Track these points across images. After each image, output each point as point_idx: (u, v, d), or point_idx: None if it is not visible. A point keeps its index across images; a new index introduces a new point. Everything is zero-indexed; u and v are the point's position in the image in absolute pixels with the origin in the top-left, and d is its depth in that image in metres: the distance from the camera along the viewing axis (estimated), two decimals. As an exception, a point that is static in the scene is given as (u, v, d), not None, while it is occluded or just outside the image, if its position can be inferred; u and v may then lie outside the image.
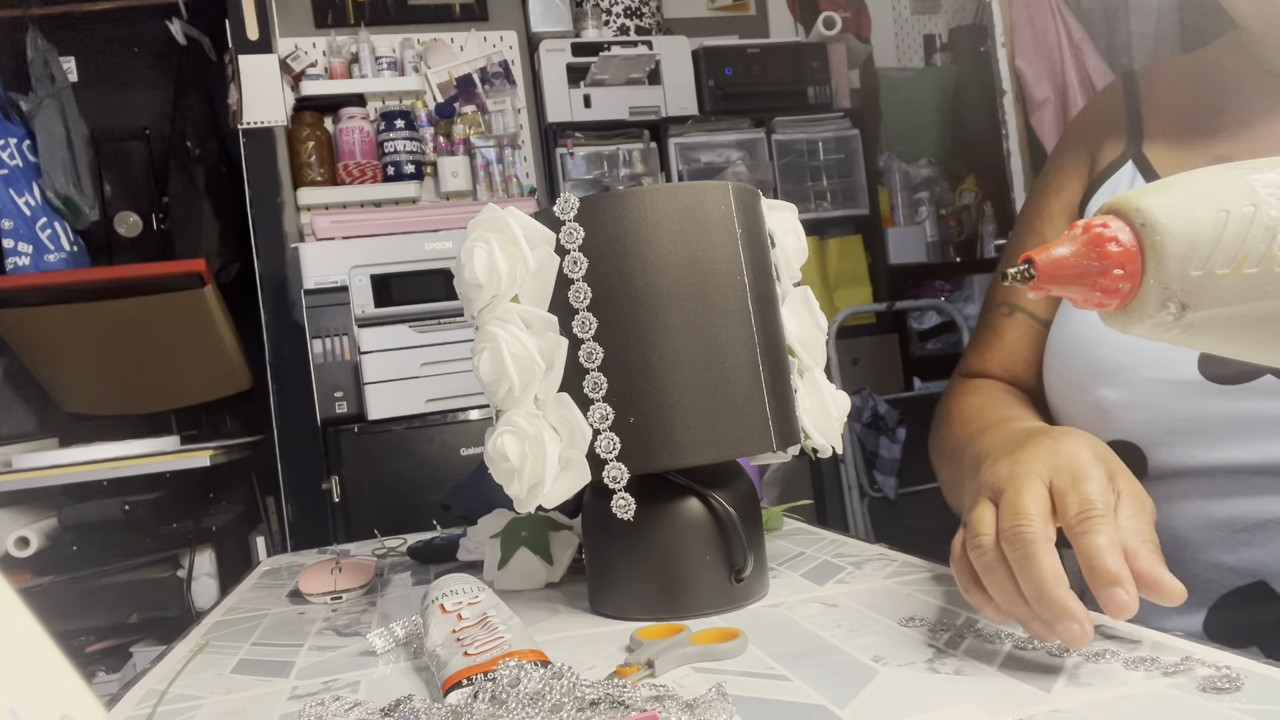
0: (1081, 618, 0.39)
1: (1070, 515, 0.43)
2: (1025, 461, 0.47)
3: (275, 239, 2.37)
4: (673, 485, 0.58)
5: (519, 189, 2.64)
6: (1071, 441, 0.48)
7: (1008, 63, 2.44)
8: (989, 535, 0.44)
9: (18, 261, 2.35)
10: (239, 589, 0.86)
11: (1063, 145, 0.78)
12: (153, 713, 0.50)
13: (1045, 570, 0.40)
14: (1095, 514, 0.42)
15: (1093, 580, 0.40)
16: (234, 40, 2.34)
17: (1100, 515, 0.42)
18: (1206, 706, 0.37)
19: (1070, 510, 0.43)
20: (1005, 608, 0.43)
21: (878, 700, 0.41)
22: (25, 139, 2.40)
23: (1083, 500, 0.43)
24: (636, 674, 0.46)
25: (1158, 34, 2.37)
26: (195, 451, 2.09)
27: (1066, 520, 0.43)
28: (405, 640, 0.58)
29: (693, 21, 3.04)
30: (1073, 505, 0.43)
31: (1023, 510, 0.43)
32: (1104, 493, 0.44)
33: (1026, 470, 0.46)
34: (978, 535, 0.44)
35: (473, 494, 0.95)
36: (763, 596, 0.61)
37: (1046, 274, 0.38)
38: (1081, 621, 0.39)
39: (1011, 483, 0.45)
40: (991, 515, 0.45)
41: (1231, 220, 0.36)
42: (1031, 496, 0.44)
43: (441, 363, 2.26)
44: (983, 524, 0.45)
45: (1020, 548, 0.42)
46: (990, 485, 0.47)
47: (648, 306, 0.56)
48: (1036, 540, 0.41)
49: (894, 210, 3.20)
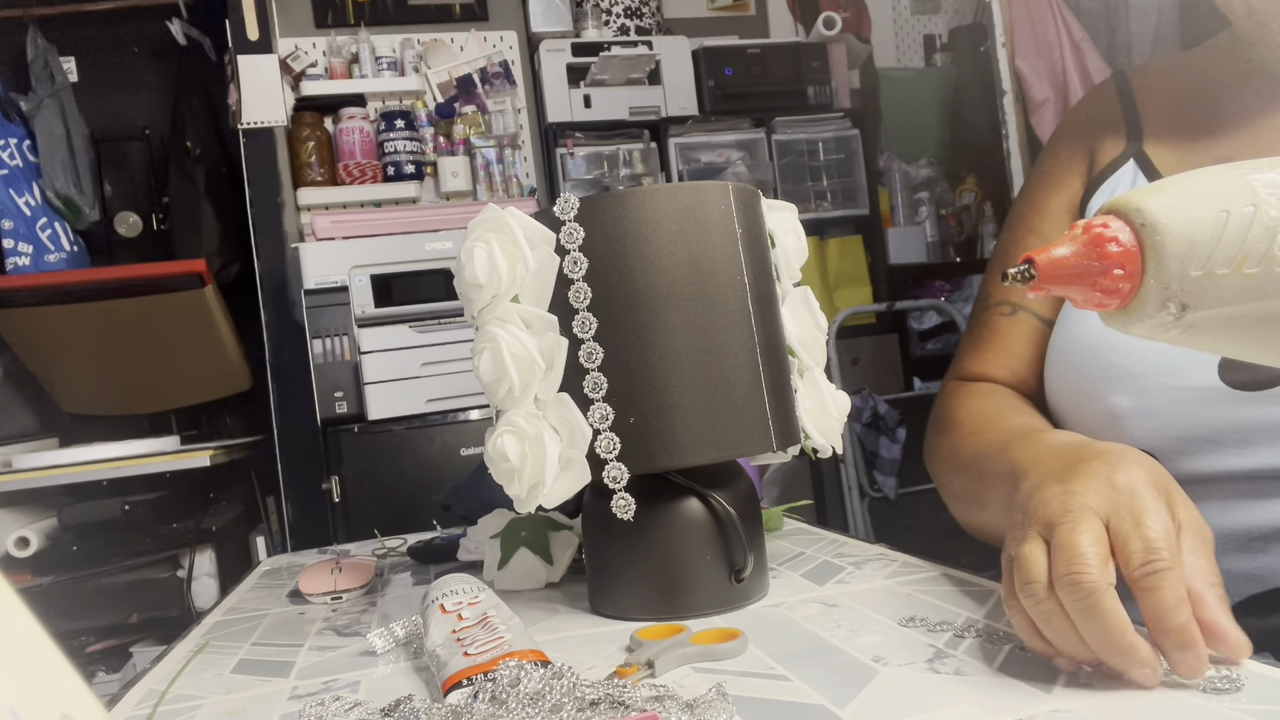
0: (1154, 663, 0.39)
1: (1134, 564, 0.40)
2: (1079, 494, 0.43)
3: (275, 239, 2.37)
4: (673, 485, 0.58)
5: (519, 189, 2.64)
6: (1129, 470, 0.44)
7: (1008, 63, 2.44)
8: (1042, 581, 0.41)
9: (18, 261, 2.35)
10: (239, 589, 0.86)
11: (1057, 141, 0.77)
12: (153, 713, 0.50)
13: (1111, 620, 0.38)
14: (1161, 565, 0.39)
15: (1162, 641, 0.39)
16: (234, 40, 2.34)
17: (1167, 566, 0.39)
18: (1206, 707, 0.37)
19: (1134, 559, 0.40)
20: (1070, 654, 0.41)
21: (878, 700, 0.41)
22: (25, 139, 2.40)
23: (1147, 547, 0.40)
24: (636, 674, 0.46)
25: (1158, 34, 2.37)
26: (195, 451, 2.09)
27: (1129, 568, 0.40)
28: (405, 640, 0.58)
29: (693, 21, 3.04)
30: (1136, 553, 0.40)
31: (1080, 554, 0.40)
32: (1168, 534, 0.41)
33: (1080, 505, 0.42)
34: (1030, 582, 0.42)
35: (473, 494, 0.96)
36: (763, 596, 0.61)
37: (1046, 274, 0.38)
38: (1154, 666, 0.39)
39: (1066, 519, 0.42)
40: (1043, 555, 0.42)
41: (1231, 220, 0.36)
42: (1088, 537, 0.41)
43: (441, 363, 2.26)
44: (1035, 568, 0.42)
45: (1081, 598, 0.39)
46: (1040, 519, 0.44)
47: (648, 306, 0.56)
48: (1097, 590, 0.39)
49: (894, 210, 3.20)
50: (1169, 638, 0.38)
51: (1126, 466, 0.44)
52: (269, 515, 2.60)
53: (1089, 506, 0.42)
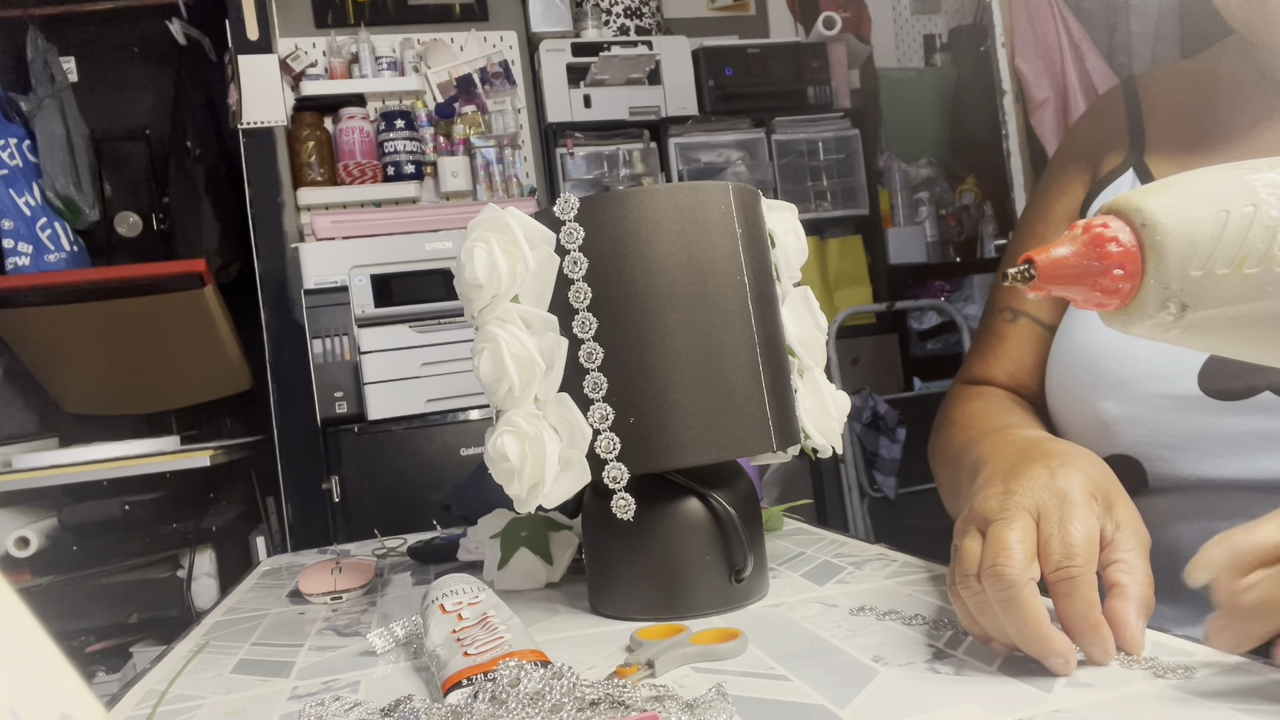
0: (1067, 654, 0.41)
1: (1050, 566, 0.43)
2: (1016, 494, 0.46)
3: (275, 239, 2.36)
4: (673, 485, 0.58)
5: (519, 189, 2.64)
6: (1067, 475, 0.47)
7: (1008, 63, 2.44)
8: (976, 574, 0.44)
9: (18, 261, 2.35)
10: (239, 589, 0.86)
11: (1064, 151, 0.78)
12: (153, 713, 0.50)
13: (1028, 612, 0.41)
14: (1074, 572, 0.42)
15: (1072, 635, 0.42)
16: (234, 40, 2.34)
17: (1079, 573, 0.42)
18: (1206, 706, 0.37)
19: (1051, 561, 0.43)
20: (1001, 641, 0.44)
21: (878, 700, 0.41)
22: (25, 139, 2.40)
23: (1065, 551, 0.43)
24: (636, 674, 0.46)
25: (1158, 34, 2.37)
26: (195, 451, 2.09)
27: (1047, 569, 0.43)
28: (405, 640, 0.58)
29: (693, 21, 3.04)
30: (1054, 555, 0.43)
31: (1006, 549, 0.43)
32: (1088, 540, 0.43)
33: (1016, 505, 0.45)
34: (967, 574, 0.45)
35: (473, 494, 0.96)
36: (763, 596, 0.61)
37: (1047, 274, 0.38)
38: (1066, 656, 0.41)
39: (1001, 515, 0.45)
40: (979, 549, 0.45)
41: (1231, 220, 0.36)
42: (1017, 534, 0.43)
43: (441, 363, 2.26)
44: (971, 560, 0.45)
45: (1002, 589, 0.42)
46: (979, 515, 0.47)
47: (648, 306, 0.56)
48: (1017, 583, 0.41)
49: (894, 210, 3.20)
50: (1081, 636, 0.42)
51: (1066, 471, 0.47)
52: (269, 515, 2.60)
53: (1023, 507, 0.45)
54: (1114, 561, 0.45)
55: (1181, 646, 0.45)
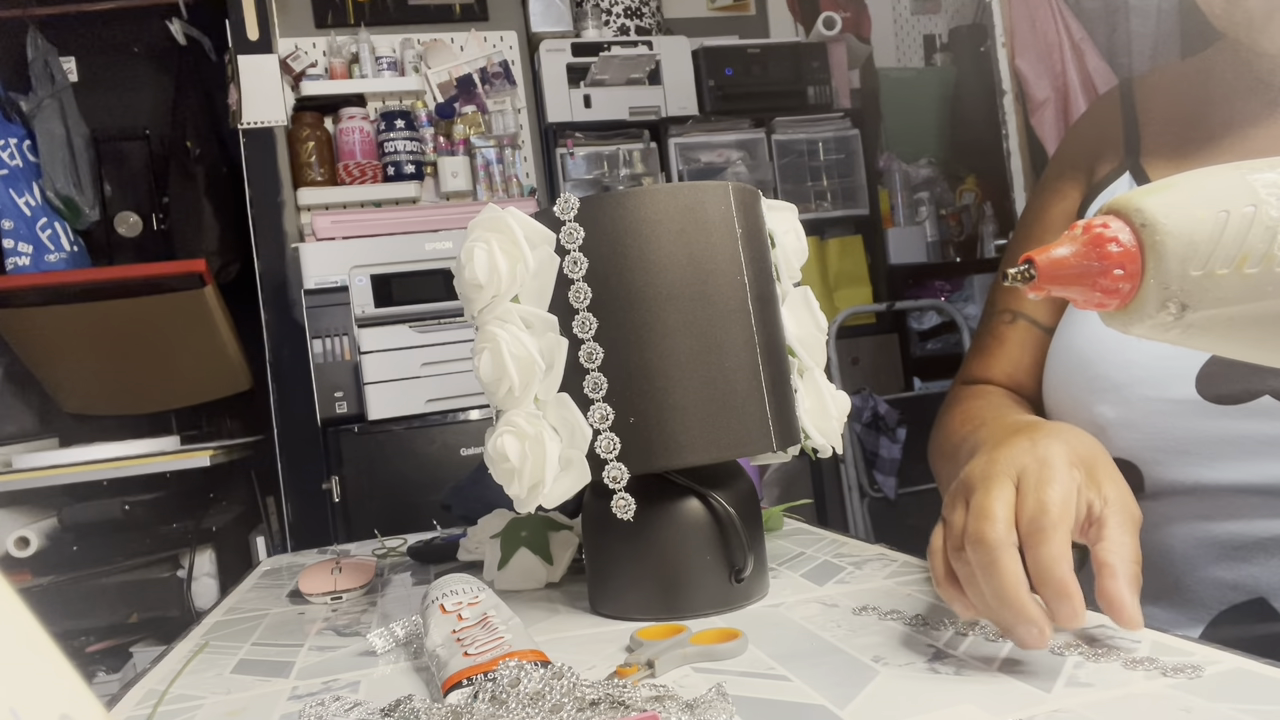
0: (1040, 621, 0.41)
1: (1023, 522, 0.43)
2: (999, 461, 0.47)
3: (275, 239, 2.36)
4: (673, 485, 0.58)
5: (519, 189, 2.64)
6: (1049, 443, 0.47)
7: (1008, 63, 2.44)
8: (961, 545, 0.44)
9: (18, 261, 2.35)
10: (239, 589, 0.86)
11: (1061, 155, 0.78)
12: (153, 713, 0.50)
13: (1007, 576, 0.41)
14: (1046, 523, 0.42)
15: (1042, 591, 0.41)
16: (234, 40, 2.34)
17: (1051, 524, 0.42)
18: (1206, 707, 0.37)
19: (1024, 516, 0.43)
20: (980, 608, 0.44)
21: (878, 700, 0.41)
22: (25, 139, 2.40)
23: (1039, 507, 0.43)
24: (636, 674, 0.46)
25: (1158, 34, 2.37)
26: (195, 451, 2.09)
27: (1021, 525, 0.43)
28: (405, 640, 0.58)
29: (693, 21, 3.04)
30: (1027, 511, 0.43)
31: (988, 514, 0.43)
32: (1064, 499, 0.43)
33: (998, 471, 0.46)
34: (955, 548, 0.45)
35: (473, 494, 0.96)
36: (763, 596, 0.61)
37: (1046, 274, 0.38)
38: (1041, 625, 0.41)
39: (982, 482, 0.46)
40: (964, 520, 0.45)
41: (1231, 220, 0.36)
42: (997, 499, 0.44)
43: (441, 363, 2.26)
44: (957, 532, 0.45)
45: (983, 552, 0.42)
46: (965, 484, 0.48)
47: (648, 306, 0.56)
48: (999, 545, 0.42)
49: (894, 210, 3.20)
50: (1047, 588, 0.41)
51: (1049, 441, 0.47)
52: (269, 515, 2.60)
53: (1003, 473, 0.46)
54: (1101, 540, 0.44)
55: (1181, 647, 0.45)
